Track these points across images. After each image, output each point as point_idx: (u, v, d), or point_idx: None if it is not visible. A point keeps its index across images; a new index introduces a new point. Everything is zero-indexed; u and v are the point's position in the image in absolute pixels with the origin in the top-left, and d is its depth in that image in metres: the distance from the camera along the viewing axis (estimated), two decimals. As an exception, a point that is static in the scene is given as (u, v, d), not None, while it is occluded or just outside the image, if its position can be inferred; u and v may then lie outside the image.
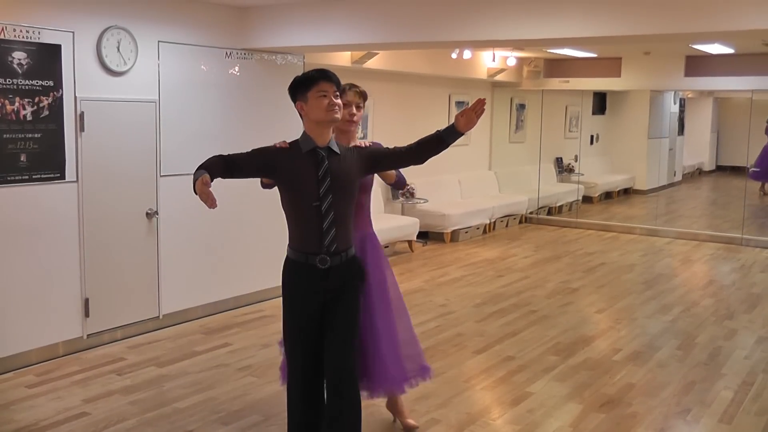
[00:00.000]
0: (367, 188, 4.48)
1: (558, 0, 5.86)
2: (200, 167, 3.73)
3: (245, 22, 7.36)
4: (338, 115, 3.81)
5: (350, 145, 4.10)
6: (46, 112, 5.84)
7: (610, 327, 7.26)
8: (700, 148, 19.40)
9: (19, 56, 5.63)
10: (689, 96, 17.95)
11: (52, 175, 5.96)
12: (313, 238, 3.79)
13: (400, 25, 6.62)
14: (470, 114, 3.76)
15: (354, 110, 4.41)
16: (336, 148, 3.86)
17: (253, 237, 7.62)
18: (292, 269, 3.89)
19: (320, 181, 3.75)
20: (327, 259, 3.78)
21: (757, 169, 15.69)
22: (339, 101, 3.82)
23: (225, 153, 3.94)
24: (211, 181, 3.63)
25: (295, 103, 3.88)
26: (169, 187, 6.84)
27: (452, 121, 3.80)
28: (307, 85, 3.81)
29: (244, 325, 7.10)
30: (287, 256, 3.93)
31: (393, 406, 4.85)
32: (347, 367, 3.90)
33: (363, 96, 4.50)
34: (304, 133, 3.88)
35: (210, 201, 3.51)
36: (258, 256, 7.65)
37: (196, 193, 3.57)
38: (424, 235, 11.13)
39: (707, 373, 6.02)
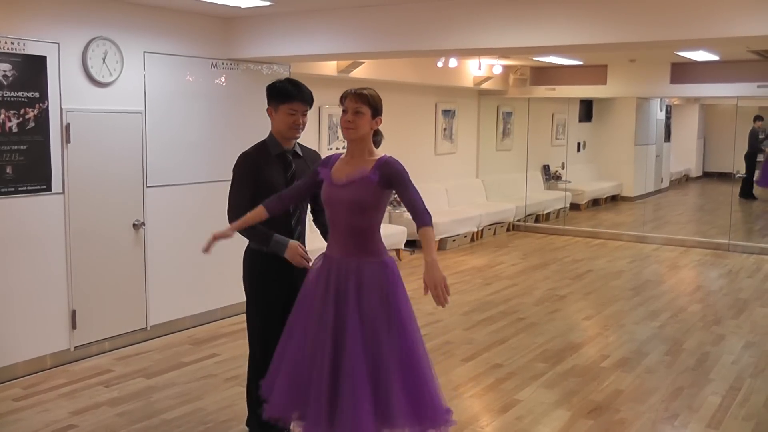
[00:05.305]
0: (377, 206, 3.81)
1: (543, 8, 5.89)
2: (267, 235, 4.14)
3: (231, 33, 7.37)
4: (298, 134, 4.20)
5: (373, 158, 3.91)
6: (32, 124, 5.83)
7: (598, 333, 7.28)
8: (686, 155, 19.49)
9: (4, 68, 5.62)
10: (675, 103, 18.04)
11: (38, 187, 5.94)
12: (281, 235, 4.14)
13: (385, 33, 6.64)
14: None
15: (350, 117, 3.74)
16: (300, 151, 4.28)
17: (239, 247, 7.58)
18: (264, 261, 4.22)
19: (288, 182, 4.12)
20: None
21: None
22: (305, 120, 4.19)
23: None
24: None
25: (268, 103, 4.23)
26: (156, 197, 6.83)
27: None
28: (282, 97, 4.14)
29: (231, 335, 7.08)
30: (251, 248, 4.31)
31: None
32: None
33: (364, 99, 3.77)
34: (272, 135, 4.25)
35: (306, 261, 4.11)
36: (246, 266, 7.62)
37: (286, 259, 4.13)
38: (411, 244, 11.11)
39: (695, 378, 6.04)
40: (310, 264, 4.00)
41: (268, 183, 4.11)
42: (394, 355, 3.70)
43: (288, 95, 4.11)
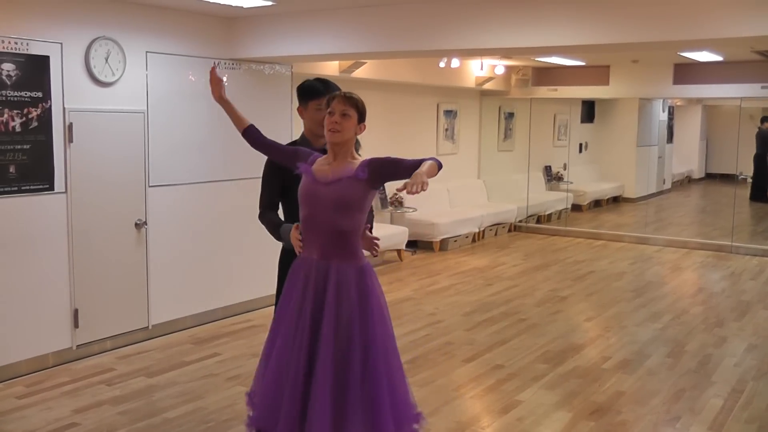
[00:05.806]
0: (362, 207, 3.71)
1: (546, 8, 5.89)
2: (278, 224, 4.00)
3: (233, 33, 7.37)
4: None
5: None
6: (35, 124, 5.84)
7: (599, 335, 7.27)
8: (689, 156, 19.46)
9: (7, 68, 5.63)
10: (678, 104, 18.02)
11: (41, 187, 5.95)
12: None
13: (387, 33, 6.64)
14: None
15: (337, 119, 3.63)
16: None
17: (241, 247, 7.61)
18: (292, 260, 3.94)
19: None
20: None
21: None
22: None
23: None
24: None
25: (299, 103, 4.22)
26: (158, 197, 6.84)
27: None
28: (310, 94, 4.16)
29: (233, 334, 7.08)
30: (284, 247, 4.14)
31: None
32: None
33: (352, 103, 3.68)
34: (303, 135, 4.24)
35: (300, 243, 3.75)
36: (247, 265, 7.64)
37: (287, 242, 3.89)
38: (413, 244, 11.14)
39: (697, 380, 6.03)
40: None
41: (294, 178, 3.91)
42: (364, 366, 3.59)
43: (316, 92, 4.14)
